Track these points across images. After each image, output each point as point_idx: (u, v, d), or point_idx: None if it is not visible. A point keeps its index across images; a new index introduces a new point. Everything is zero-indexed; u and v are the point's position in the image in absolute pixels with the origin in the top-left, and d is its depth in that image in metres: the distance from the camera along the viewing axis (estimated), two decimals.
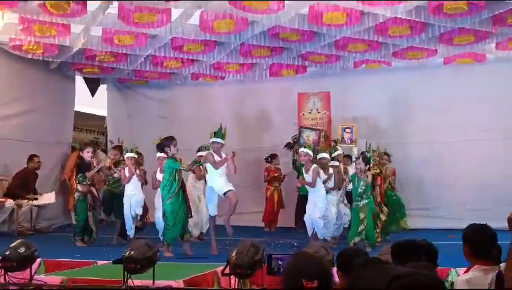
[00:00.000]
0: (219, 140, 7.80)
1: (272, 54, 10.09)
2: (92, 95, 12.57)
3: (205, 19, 8.24)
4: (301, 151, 8.42)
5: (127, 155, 8.45)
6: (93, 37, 9.22)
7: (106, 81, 12.64)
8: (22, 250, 4.85)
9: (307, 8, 8.07)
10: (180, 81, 12.10)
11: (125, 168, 8.53)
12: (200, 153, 8.65)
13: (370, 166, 8.37)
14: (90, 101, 12.81)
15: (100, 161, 9.03)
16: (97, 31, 9.02)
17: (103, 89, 12.85)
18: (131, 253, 4.51)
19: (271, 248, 7.44)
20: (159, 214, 8.12)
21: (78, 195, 8.49)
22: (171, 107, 12.59)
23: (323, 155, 8.64)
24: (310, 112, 11.17)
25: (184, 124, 11.80)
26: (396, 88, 11.08)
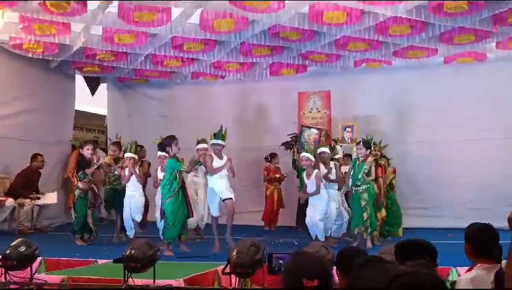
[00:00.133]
0: (220, 141, 7.76)
1: (272, 53, 10.09)
2: (92, 94, 12.57)
3: (205, 18, 8.24)
4: (302, 156, 8.34)
5: (127, 155, 8.44)
6: (93, 36, 9.22)
7: (106, 80, 12.64)
8: (23, 249, 4.86)
9: (307, 7, 8.07)
10: (180, 80, 12.10)
11: (125, 167, 8.54)
12: (199, 146, 8.64)
13: (371, 150, 8.34)
14: (90, 100, 12.81)
15: (100, 158, 9.02)
16: (97, 30, 9.02)
17: (103, 88, 12.86)
18: (131, 252, 4.52)
19: (271, 247, 7.44)
20: (159, 213, 8.11)
21: (79, 192, 8.48)
22: (171, 106, 12.59)
23: (323, 149, 8.60)
24: (310, 111, 11.18)
25: (184, 123, 11.79)
26: (396, 87, 11.07)
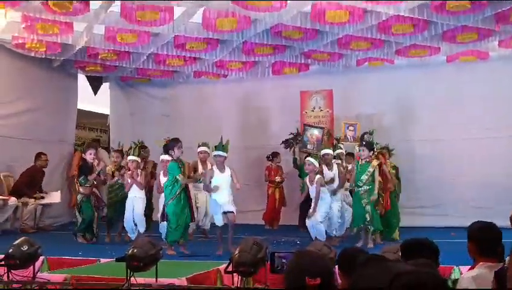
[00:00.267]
0: (221, 153, 7.60)
1: (275, 52, 10.08)
2: (95, 93, 12.57)
3: (208, 17, 8.24)
4: (307, 160, 8.28)
5: (129, 158, 8.32)
6: (95, 35, 9.22)
7: (109, 79, 12.64)
8: (25, 248, 4.88)
9: (310, 6, 8.07)
10: (182, 79, 12.10)
11: (126, 173, 8.39)
12: (200, 149, 8.63)
13: (374, 152, 8.32)
14: (92, 99, 12.81)
15: (101, 160, 8.98)
16: (100, 29, 9.03)
17: (106, 87, 12.87)
18: (134, 251, 4.53)
19: (274, 246, 7.42)
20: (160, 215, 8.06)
21: (81, 197, 8.48)
22: (174, 105, 12.59)
23: (326, 151, 8.60)
24: (313, 110, 11.18)
25: (187, 122, 11.81)
26: (399, 86, 11.05)
